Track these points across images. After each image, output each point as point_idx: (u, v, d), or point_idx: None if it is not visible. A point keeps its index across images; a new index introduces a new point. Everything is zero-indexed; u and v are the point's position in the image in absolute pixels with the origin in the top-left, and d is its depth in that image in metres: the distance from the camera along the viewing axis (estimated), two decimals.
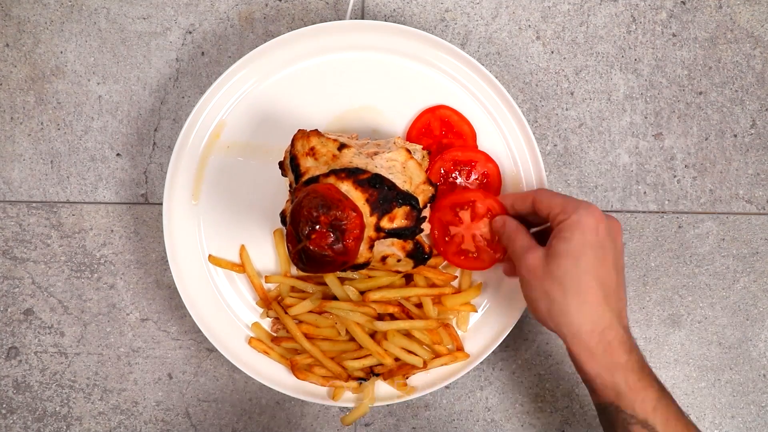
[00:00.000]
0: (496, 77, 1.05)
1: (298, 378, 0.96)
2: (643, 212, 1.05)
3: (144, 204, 1.06)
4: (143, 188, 1.06)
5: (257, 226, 1.00)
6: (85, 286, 1.05)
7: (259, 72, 0.99)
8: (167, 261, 1.03)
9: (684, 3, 1.06)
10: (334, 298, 0.96)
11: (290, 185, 0.88)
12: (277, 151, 0.94)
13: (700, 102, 1.06)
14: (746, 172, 1.06)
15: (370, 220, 0.83)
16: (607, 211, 1.05)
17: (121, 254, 1.05)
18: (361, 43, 0.99)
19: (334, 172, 0.83)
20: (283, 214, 0.86)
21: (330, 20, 1.03)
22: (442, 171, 0.96)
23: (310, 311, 0.96)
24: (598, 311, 0.79)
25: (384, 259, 0.87)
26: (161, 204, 1.05)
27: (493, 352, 0.97)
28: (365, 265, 0.85)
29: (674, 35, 1.06)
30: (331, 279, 0.95)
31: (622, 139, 1.06)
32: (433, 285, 0.96)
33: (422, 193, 0.87)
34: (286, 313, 0.95)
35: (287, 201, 0.87)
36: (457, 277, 0.98)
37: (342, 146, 0.85)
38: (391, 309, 0.94)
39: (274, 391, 1.04)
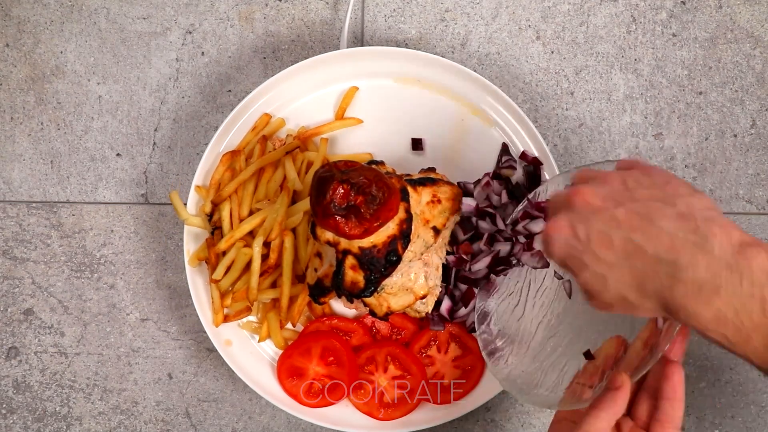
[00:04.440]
0: (496, 77, 1.05)
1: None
2: None
3: (144, 204, 1.06)
4: (143, 188, 1.06)
5: None
6: (85, 286, 1.05)
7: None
8: (167, 261, 1.03)
9: (684, 3, 1.06)
10: None
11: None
12: None
13: (700, 102, 1.06)
14: (746, 172, 1.06)
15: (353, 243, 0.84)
16: None
17: (121, 254, 1.05)
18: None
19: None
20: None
21: (330, 21, 1.04)
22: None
23: None
24: None
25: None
26: (161, 204, 1.05)
27: None
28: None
29: (674, 35, 1.06)
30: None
31: (622, 139, 1.06)
32: None
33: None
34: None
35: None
36: None
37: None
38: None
39: None
